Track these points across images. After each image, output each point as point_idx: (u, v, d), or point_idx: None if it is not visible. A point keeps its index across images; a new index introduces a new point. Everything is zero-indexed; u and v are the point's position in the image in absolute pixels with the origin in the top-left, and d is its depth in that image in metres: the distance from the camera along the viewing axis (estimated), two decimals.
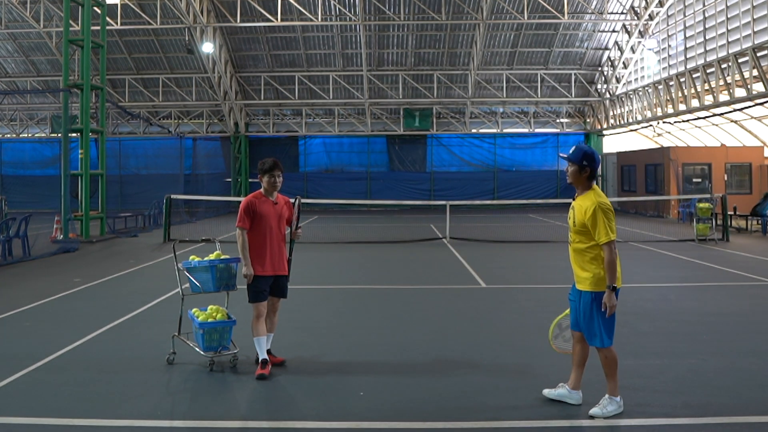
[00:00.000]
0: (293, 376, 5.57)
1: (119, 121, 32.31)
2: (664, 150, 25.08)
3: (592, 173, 4.67)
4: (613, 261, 4.44)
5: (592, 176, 4.68)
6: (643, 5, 26.11)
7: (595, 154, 4.68)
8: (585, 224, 4.57)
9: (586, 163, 4.64)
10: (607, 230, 4.46)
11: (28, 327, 7.43)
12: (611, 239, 4.46)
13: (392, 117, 32.06)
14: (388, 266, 12.61)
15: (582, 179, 4.69)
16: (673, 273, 11.39)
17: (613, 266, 4.44)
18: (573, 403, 4.73)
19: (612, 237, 4.47)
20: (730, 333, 7.02)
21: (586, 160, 4.64)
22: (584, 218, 4.56)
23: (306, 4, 26.29)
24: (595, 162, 4.65)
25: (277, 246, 5.80)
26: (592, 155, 4.66)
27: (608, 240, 4.46)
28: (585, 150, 4.68)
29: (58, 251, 14.50)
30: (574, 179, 4.73)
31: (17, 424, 4.53)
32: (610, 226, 4.47)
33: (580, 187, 4.73)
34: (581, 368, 4.80)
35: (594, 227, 4.51)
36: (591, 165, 4.64)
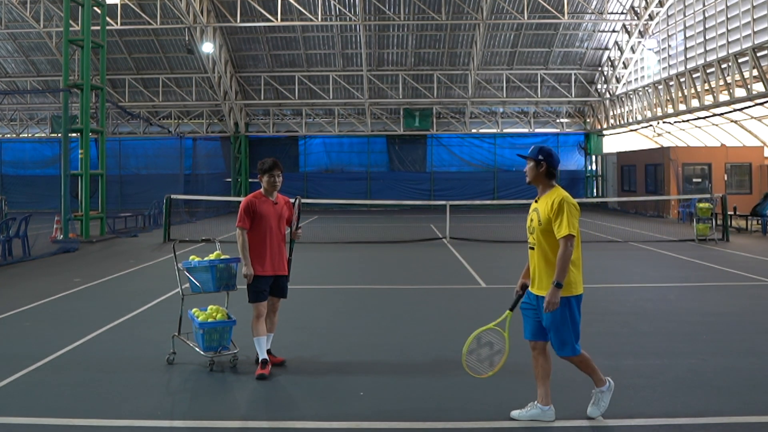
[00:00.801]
0: (293, 376, 5.57)
1: (119, 121, 32.31)
2: (664, 150, 25.09)
3: (549, 170, 4.49)
4: (567, 257, 4.23)
5: (550, 174, 4.50)
6: (643, 5, 26.12)
7: (552, 152, 4.54)
8: (550, 219, 4.34)
9: (541, 157, 4.48)
10: (569, 224, 4.26)
11: (28, 327, 7.43)
12: (571, 233, 4.25)
13: (392, 117, 32.06)
14: (388, 266, 12.61)
15: (540, 176, 4.51)
16: (673, 273, 11.39)
17: (565, 262, 4.23)
18: (547, 420, 4.49)
19: (572, 232, 4.26)
20: (730, 333, 7.02)
21: (541, 155, 4.49)
22: (549, 212, 4.35)
23: (306, 4, 26.30)
24: (552, 158, 4.49)
25: (277, 246, 5.80)
26: (549, 151, 4.52)
27: (567, 233, 4.25)
28: (541, 146, 4.57)
29: (58, 251, 14.50)
30: (531, 176, 4.55)
31: (17, 424, 4.52)
32: (572, 221, 4.28)
33: (540, 186, 4.53)
34: (547, 380, 4.56)
35: (556, 219, 4.30)
36: (547, 160, 4.47)
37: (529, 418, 4.52)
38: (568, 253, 4.24)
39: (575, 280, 4.35)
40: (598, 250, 14.77)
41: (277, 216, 5.83)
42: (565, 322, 4.35)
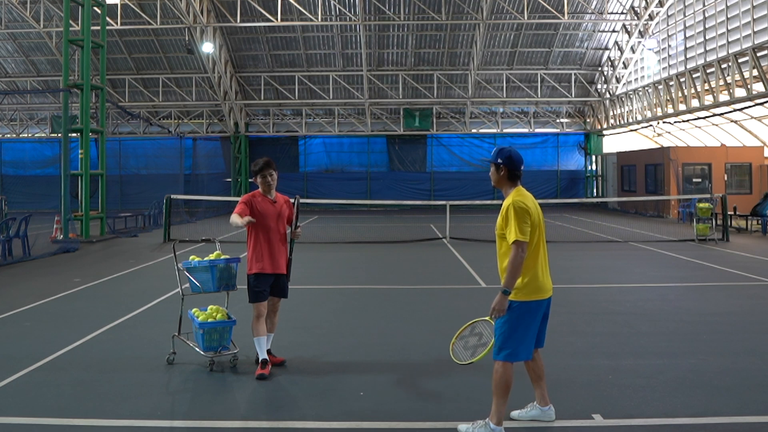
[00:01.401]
0: (293, 376, 5.57)
1: (119, 121, 32.32)
2: (664, 150, 25.08)
3: (509, 172, 4.37)
4: (515, 264, 4.11)
5: (511, 176, 4.38)
6: (643, 5, 26.12)
7: (512, 154, 4.40)
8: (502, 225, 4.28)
9: (500, 161, 4.37)
10: (516, 230, 4.14)
11: (28, 327, 7.43)
12: (518, 239, 4.12)
13: (392, 117, 32.06)
14: (388, 266, 12.61)
15: (501, 179, 4.40)
16: (673, 273, 11.39)
17: (513, 268, 4.11)
18: (548, 420, 4.47)
19: (520, 237, 4.12)
20: (730, 333, 7.02)
21: (500, 158, 4.38)
22: (502, 218, 4.28)
23: (306, 4, 26.30)
24: (511, 161, 4.36)
25: (276, 245, 5.80)
26: (508, 154, 4.39)
27: (514, 239, 4.13)
28: (501, 148, 4.46)
29: (58, 251, 14.50)
30: (494, 180, 4.46)
31: (17, 424, 4.52)
32: (520, 226, 4.14)
33: (503, 189, 4.42)
34: (541, 382, 4.50)
35: (506, 225, 4.21)
36: (506, 163, 4.35)
37: (530, 418, 4.52)
38: (518, 259, 4.12)
39: (523, 285, 4.20)
40: (598, 250, 14.77)
41: (277, 215, 5.82)
42: (502, 326, 4.21)
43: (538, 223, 4.30)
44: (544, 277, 4.31)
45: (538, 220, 4.29)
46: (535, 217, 4.26)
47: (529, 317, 4.23)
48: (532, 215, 4.23)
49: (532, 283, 4.23)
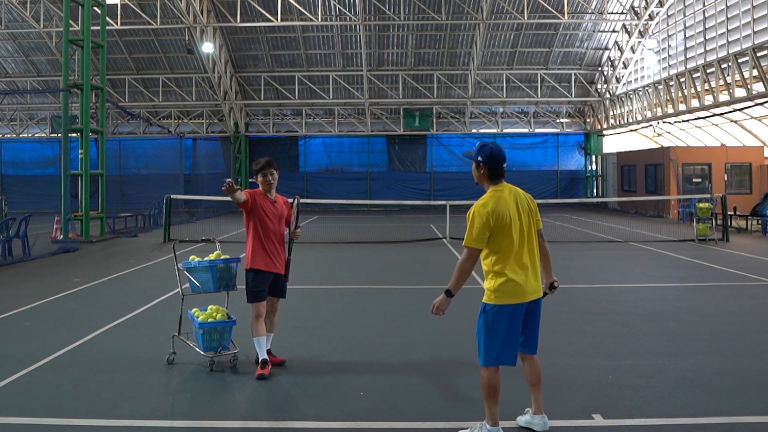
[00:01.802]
0: (293, 376, 5.57)
1: (119, 121, 32.32)
2: (664, 150, 25.09)
3: (490, 170, 4.16)
4: (460, 268, 4.04)
5: (492, 174, 4.17)
6: (643, 5, 26.12)
7: (494, 151, 4.16)
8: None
9: (480, 159, 4.15)
10: (468, 234, 4.03)
11: (28, 327, 7.43)
12: (467, 245, 4.04)
13: (392, 117, 32.06)
14: (388, 266, 12.61)
15: (482, 177, 4.21)
16: (673, 273, 11.39)
17: (458, 272, 4.04)
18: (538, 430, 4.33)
19: (470, 244, 4.02)
20: (730, 333, 7.02)
21: (480, 155, 4.16)
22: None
23: (306, 4, 26.30)
24: (492, 158, 4.14)
25: (275, 245, 5.80)
26: (489, 151, 4.16)
27: (464, 243, 4.07)
28: (483, 145, 4.22)
29: (58, 251, 14.50)
30: (475, 178, 4.27)
31: (17, 424, 4.52)
32: (472, 232, 4.02)
33: (485, 187, 4.26)
34: (535, 388, 4.35)
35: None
36: (486, 161, 4.14)
37: (524, 424, 4.45)
38: (464, 264, 4.04)
39: (495, 288, 4.06)
40: (598, 250, 14.77)
41: (276, 215, 5.82)
42: (480, 330, 4.15)
43: (509, 224, 4.05)
44: (525, 280, 4.08)
45: (509, 221, 4.05)
46: (505, 220, 4.03)
47: (504, 321, 4.05)
48: (499, 219, 4.02)
49: (505, 287, 4.04)
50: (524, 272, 4.10)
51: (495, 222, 4.02)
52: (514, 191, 4.20)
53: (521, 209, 4.15)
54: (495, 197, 4.10)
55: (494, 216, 4.02)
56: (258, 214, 5.72)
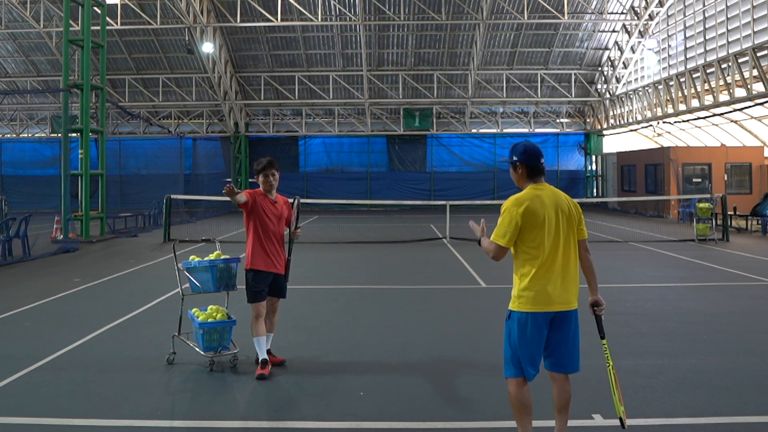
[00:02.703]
0: (293, 376, 5.57)
1: (119, 121, 32.32)
2: (664, 150, 25.09)
3: (528, 168, 3.92)
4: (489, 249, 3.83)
5: (531, 172, 3.92)
6: (643, 5, 26.12)
7: (528, 148, 3.94)
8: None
9: (516, 158, 3.93)
10: (496, 230, 3.82)
11: (28, 327, 7.43)
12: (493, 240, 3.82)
13: (392, 117, 32.06)
14: (388, 266, 12.61)
15: (521, 178, 3.97)
16: (673, 273, 11.39)
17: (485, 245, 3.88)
18: None
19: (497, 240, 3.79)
20: (730, 333, 7.02)
21: (515, 155, 3.94)
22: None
23: (306, 4, 26.29)
24: (528, 156, 3.90)
25: (274, 245, 5.80)
26: (522, 149, 3.94)
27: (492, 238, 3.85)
28: (515, 145, 4.02)
29: (58, 251, 14.50)
30: (514, 180, 4.04)
31: (17, 424, 4.52)
32: (499, 227, 3.80)
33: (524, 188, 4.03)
34: (562, 414, 3.91)
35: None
36: (522, 159, 3.91)
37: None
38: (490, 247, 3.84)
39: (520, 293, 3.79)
40: (598, 250, 14.76)
41: (276, 215, 5.82)
42: (505, 338, 3.88)
43: (543, 224, 3.76)
44: (552, 288, 3.74)
45: (543, 220, 3.76)
46: (538, 218, 3.75)
47: (529, 330, 3.73)
48: (531, 216, 3.75)
49: (530, 293, 3.74)
50: (554, 280, 3.75)
51: (526, 220, 3.75)
52: (556, 193, 3.91)
53: (561, 213, 3.83)
54: (531, 195, 3.83)
55: (526, 214, 3.75)
56: (258, 215, 5.72)
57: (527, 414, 3.81)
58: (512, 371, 3.81)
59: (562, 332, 3.81)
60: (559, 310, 3.77)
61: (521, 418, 3.81)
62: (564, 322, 3.80)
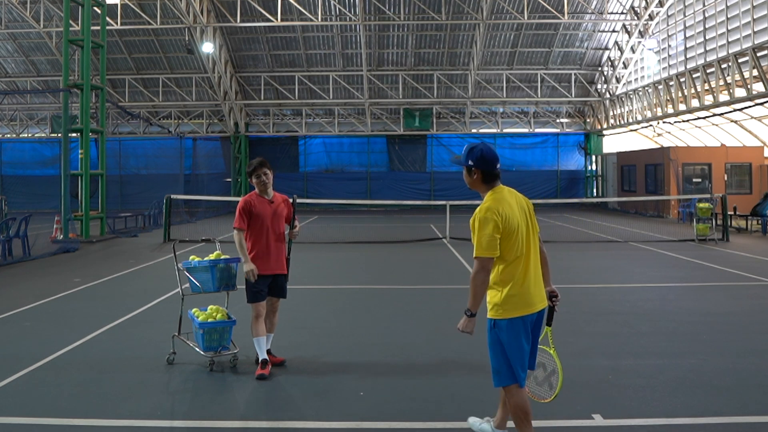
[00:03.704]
0: (293, 376, 5.57)
1: (119, 121, 32.32)
2: (664, 150, 25.08)
3: (483, 174, 3.79)
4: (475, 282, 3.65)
5: (487, 177, 3.80)
6: (643, 5, 26.12)
7: (485, 152, 3.79)
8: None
9: (471, 163, 3.79)
10: (479, 243, 3.64)
11: (28, 327, 7.43)
12: (479, 255, 3.64)
13: (392, 117, 32.06)
14: (388, 266, 12.61)
15: (476, 182, 3.84)
16: (673, 273, 11.39)
17: (474, 287, 3.66)
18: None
19: (482, 254, 3.63)
20: (730, 333, 7.02)
21: (470, 159, 3.79)
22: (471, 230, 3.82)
23: (306, 4, 26.30)
24: (484, 161, 3.77)
25: (274, 245, 5.79)
26: (479, 153, 3.79)
27: (475, 255, 3.67)
28: (471, 148, 3.84)
29: (58, 251, 14.50)
30: (467, 183, 3.90)
31: (17, 424, 4.52)
32: (482, 240, 3.63)
33: (480, 192, 3.88)
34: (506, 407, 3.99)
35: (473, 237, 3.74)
36: (477, 165, 3.78)
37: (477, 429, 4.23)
38: (478, 278, 3.65)
39: (503, 300, 3.71)
40: (598, 250, 14.77)
41: (275, 215, 5.80)
42: (493, 347, 3.78)
43: (517, 227, 3.72)
44: (532, 289, 3.77)
45: (517, 224, 3.73)
46: (513, 223, 3.70)
47: (515, 336, 3.72)
48: (507, 222, 3.67)
49: (513, 299, 3.71)
50: (531, 281, 3.78)
51: (504, 228, 3.66)
52: (513, 193, 3.90)
53: (522, 212, 3.85)
54: (497, 199, 3.75)
55: (504, 222, 3.66)
56: (255, 219, 5.72)
57: (530, 420, 3.79)
58: (507, 379, 3.76)
59: (537, 330, 3.90)
60: (539, 309, 3.83)
61: (526, 426, 3.77)
62: (539, 320, 3.88)
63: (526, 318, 3.75)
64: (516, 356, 3.73)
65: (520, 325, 3.73)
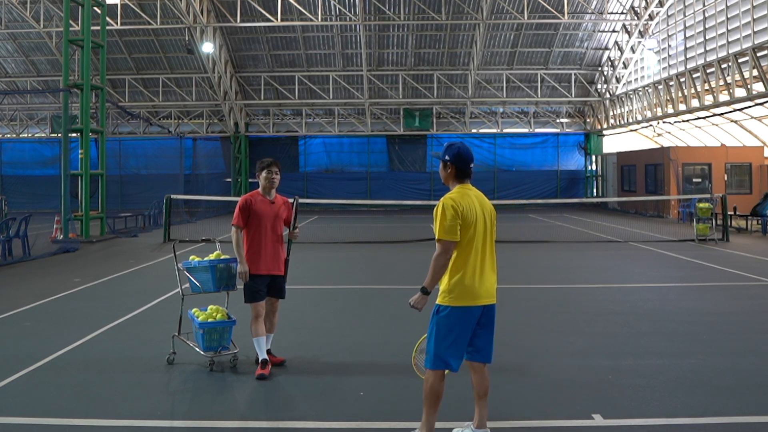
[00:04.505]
0: (293, 376, 5.57)
1: (119, 121, 32.32)
2: (664, 150, 25.08)
3: (457, 170, 4.12)
4: (436, 263, 3.93)
5: (459, 173, 4.13)
6: (643, 5, 26.12)
7: (461, 151, 4.12)
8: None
9: (447, 158, 4.11)
10: (440, 228, 3.93)
11: (28, 327, 7.43)
12: (441, 238, 3.92)
13: (392, 117, 32.06)
14: (388, 266, 12.61)
15: (449, 177, 4.16)
16: (673, 273, 11.39)
17: (433, 268, 3.94)
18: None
19: (444, 237, 3.91)
20: (730, 333, 7.02)
21: (448, 155, 4.12)
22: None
23: (306, 4, 26.30)
24: (458, 158, 4.09)
25: (272, 246, 5.79)
26: (456, 151, 4.11)
27: (438, 237, 3.95)
28: (450, 145, 4.18)
29: (58, 251, 14.50)
30: (441, 177, 4.21)
31: (17, 424, 4.52)
32: (444, 224, 3.91)
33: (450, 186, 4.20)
34: (482, 401, 4.18)
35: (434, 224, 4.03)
36: (452, 161, 4.10)
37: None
38: (439, 259, 3.93)
39: (450, 289, 3.97)
40: (598, 250, 14.77)
41: (274, 215, 5.82)
42: (432, 331, 4.03)
43: (474, 222, 3.98)
44: (480, 282, 3.99)
45: (474, 219, 3.98)
46: (471, 217, 3.97)
47: (456, 324, 3.95)
48: (466, 214, 3.95)
49: (460, 287, 3.95)
50: (481, 275, 4.01)
51: (463, 217, 3.95)
52: (480, 195, 4.17)
53: (485, 213, 4.10)
54: (461, 194, 4.06)
55: (464, 212, 3.95)
56: (254, 218, 5.72)
57: (437, 405, 4.07)
58: (436, 364, 4.00)
59: (487, 325, 4.09)
60: (485, 303, 4.03)
61: (434, 410, 4.06)
62: (489, 315, 4.08)
63: (470, 309, 3.97)
64: (450, 344, 3.97)
65: (463, 315, 3.96)
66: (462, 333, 3.98)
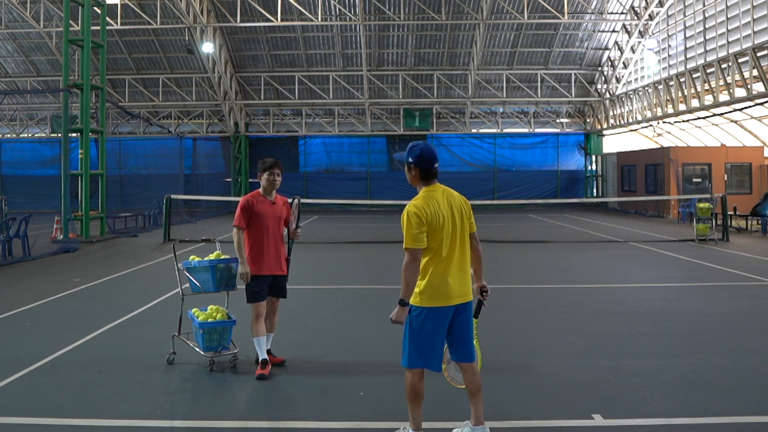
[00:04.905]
0: (293, 376, 5.57)
1: (119, 121, 32.32)
2: (664, 150, 25.08)
3: (421, 171, 4.06)
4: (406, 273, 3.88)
5: (424, 175, 4.07)
6: (643, 5, 26.12)
7: (424, 152, 4.05)
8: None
9: (410, 160, 4.05)
10: (408, 237, 3.91)
11: (28, 327, 7.43)
12: (408, 246, 3.90)
13: (392, 117, 32.06)
14: (389, 266, 12.59)
15: (414, 179, 4.12)
16: (673, 273, 11.39)
17: (405, 278, 3.88)
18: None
19: (411, 245, 3.89)
20: (730, 333, 7.02)
21: (410, 156, 4.05)
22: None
23: (306, 4, 26.30)
24: (421, 159, 4.03)
25: (273, 246, 5.79)
26: (418, 152, 4.05)
27: (405, 246, 3.93)
28: (413, 146, 4.10)
29: (58, 251, 14.50)
30: (408, 180, 4.17)
31: (17, 424, 4.53)
32: (411, 233, 3.89)
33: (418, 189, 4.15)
34: (475, 398, 4.16)
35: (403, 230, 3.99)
36: (415, 162, 4.04)
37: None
38: (408, 268, 3.89)
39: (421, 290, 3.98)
40: (598, 250, 14.77)
41: (275, 216, 5.83)
42: (405, 330, 4.06)
43: (441, 226, 3.96)
44: (451, 283, 3.99)
45: (441, 223, 3.96)
46: (437, 221, 3.95)
47: (429, 325, 3.97)
48: (431, 220, 3.93)
49: (431, 289, 3.96)
50: (452, 275, 4.00)
51: (429, 223, 3.94)
52: (448, 192, 4.13)
53: (455, 211, 4.06)
54: (426, 198, 4.02)
55: (429, 217, 3.94)
56: (256, 219, 5.73)
57: (420, 403, 4.09)
58: (412, 362, 4.02)
59: (463, 324, 4.09)
60: (458, 303, 4.02)
61: (417, 406, 4.09)
62: (464, 314, 4.08)
63: (442, 309, 3.98)
64: (423, 343, 3.99)
65: (435, 315, 3.97)
66: (435, 332, 4.00)
